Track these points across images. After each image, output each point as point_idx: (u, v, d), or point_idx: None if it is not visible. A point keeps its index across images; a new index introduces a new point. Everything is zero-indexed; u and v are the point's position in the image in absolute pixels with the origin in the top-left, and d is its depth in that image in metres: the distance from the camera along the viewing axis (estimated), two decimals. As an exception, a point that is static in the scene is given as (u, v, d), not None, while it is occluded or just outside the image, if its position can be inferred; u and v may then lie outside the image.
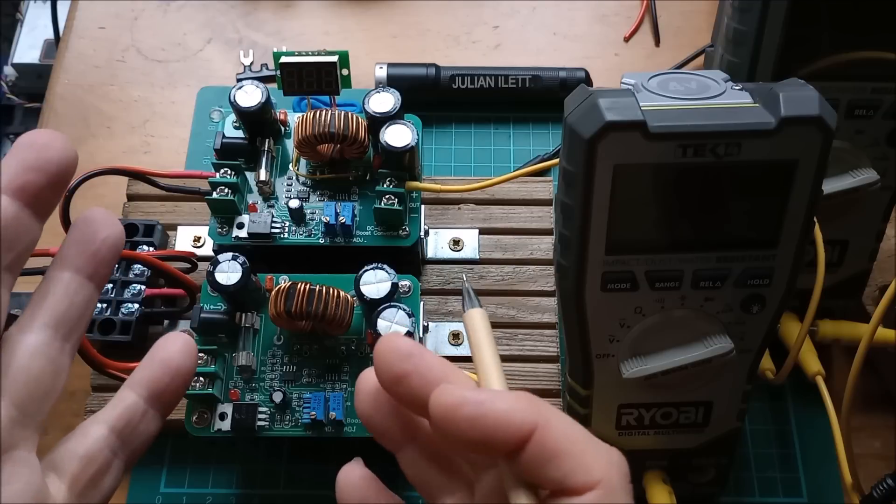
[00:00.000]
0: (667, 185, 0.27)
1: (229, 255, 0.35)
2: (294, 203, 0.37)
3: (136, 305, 0.38)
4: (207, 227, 0.38)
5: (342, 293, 0.34)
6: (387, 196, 0.37)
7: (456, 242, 0.41)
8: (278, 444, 0.39)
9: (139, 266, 0.38)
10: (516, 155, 0.48)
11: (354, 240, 0.37)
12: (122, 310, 0.37)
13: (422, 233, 0.38)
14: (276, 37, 0.52)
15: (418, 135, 0.37)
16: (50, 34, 0.77)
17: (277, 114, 0.39)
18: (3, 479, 0.22)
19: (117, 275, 0.38)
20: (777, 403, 0.41)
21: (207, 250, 0.41)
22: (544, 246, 0.41)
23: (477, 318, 0.26)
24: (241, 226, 0.37)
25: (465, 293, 0.27)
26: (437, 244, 0.41)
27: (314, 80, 0.37)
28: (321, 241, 0.37)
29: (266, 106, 0.37)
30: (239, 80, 0.38)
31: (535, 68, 0.48)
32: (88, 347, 0.31)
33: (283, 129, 0.40)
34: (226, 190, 0.37)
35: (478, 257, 0.41)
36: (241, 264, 0.34)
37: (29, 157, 0.23)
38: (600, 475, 0.22)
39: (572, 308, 0.30)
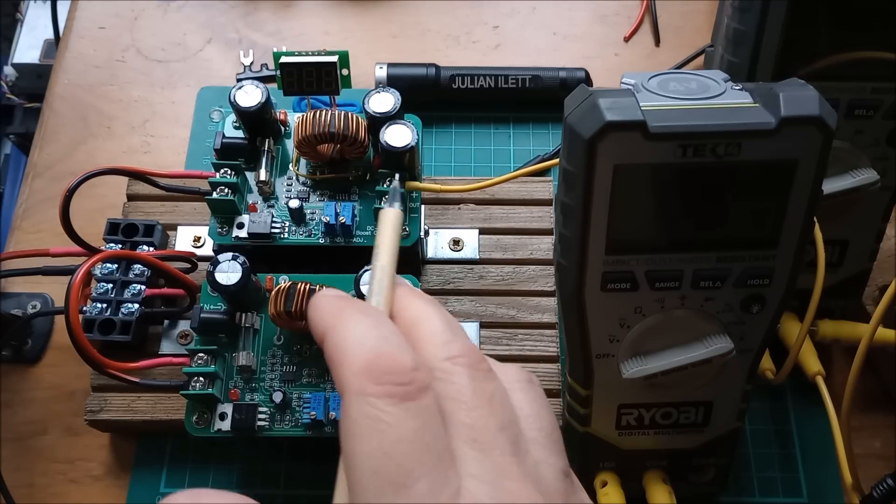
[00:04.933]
0: (667, 185, 0.27)
1: (229, 255, 0.35)
2: (294, 203, 0.37)
3: (136, 305, 0.37)
4: (207, 227, 0.38)
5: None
6: (387, 196, 0.37)
7: (456, 242, 0.41)
8: (278, 444, 0.39)
9: (139, 266, 0.38)
10: (516, 155, 0.48)
11: (354, 240, 0.37)
12: (122, 310, 0.37)
13: (422, 233, 0.38)
14: (276, 37, 0.52)
15: (418, 135, 0.37)
16: (50, 34, 0.77)
17: (277, 114, 0.39)
18: None
19: (117, 275, 0.38)
20: (777, 403, 0.41)
21: (207, 250, 0.41)
22: (544, 246, 0.41)
23: (390, 216, 0.26)
24: (241, 226, 0.37)
25: (392, 192, 0.28)
26: (437, 244, 0.41)
27: (314, 80, 0.37)
28: (321, 241, 0.37)
29: (266, 106, 0.37)
30: (239, 80, 0.38)
31: (535, 68, 0.48)
32: (88, 347, 0.31)
33: (283, 129, 0.40)
34: (226, 190, 0.37)
35: (478, 257, 0.41)
36: (241, 264, 0.34)
37: None
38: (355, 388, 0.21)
39: (572, 308, 0.30)
